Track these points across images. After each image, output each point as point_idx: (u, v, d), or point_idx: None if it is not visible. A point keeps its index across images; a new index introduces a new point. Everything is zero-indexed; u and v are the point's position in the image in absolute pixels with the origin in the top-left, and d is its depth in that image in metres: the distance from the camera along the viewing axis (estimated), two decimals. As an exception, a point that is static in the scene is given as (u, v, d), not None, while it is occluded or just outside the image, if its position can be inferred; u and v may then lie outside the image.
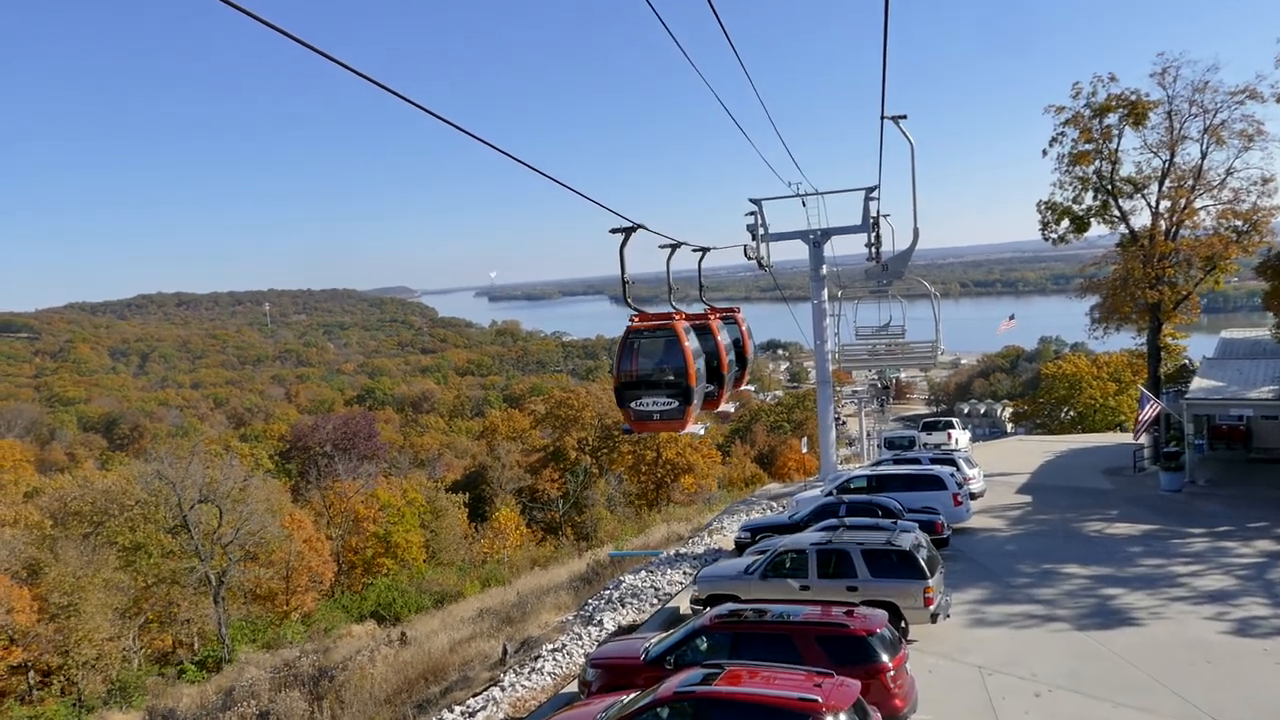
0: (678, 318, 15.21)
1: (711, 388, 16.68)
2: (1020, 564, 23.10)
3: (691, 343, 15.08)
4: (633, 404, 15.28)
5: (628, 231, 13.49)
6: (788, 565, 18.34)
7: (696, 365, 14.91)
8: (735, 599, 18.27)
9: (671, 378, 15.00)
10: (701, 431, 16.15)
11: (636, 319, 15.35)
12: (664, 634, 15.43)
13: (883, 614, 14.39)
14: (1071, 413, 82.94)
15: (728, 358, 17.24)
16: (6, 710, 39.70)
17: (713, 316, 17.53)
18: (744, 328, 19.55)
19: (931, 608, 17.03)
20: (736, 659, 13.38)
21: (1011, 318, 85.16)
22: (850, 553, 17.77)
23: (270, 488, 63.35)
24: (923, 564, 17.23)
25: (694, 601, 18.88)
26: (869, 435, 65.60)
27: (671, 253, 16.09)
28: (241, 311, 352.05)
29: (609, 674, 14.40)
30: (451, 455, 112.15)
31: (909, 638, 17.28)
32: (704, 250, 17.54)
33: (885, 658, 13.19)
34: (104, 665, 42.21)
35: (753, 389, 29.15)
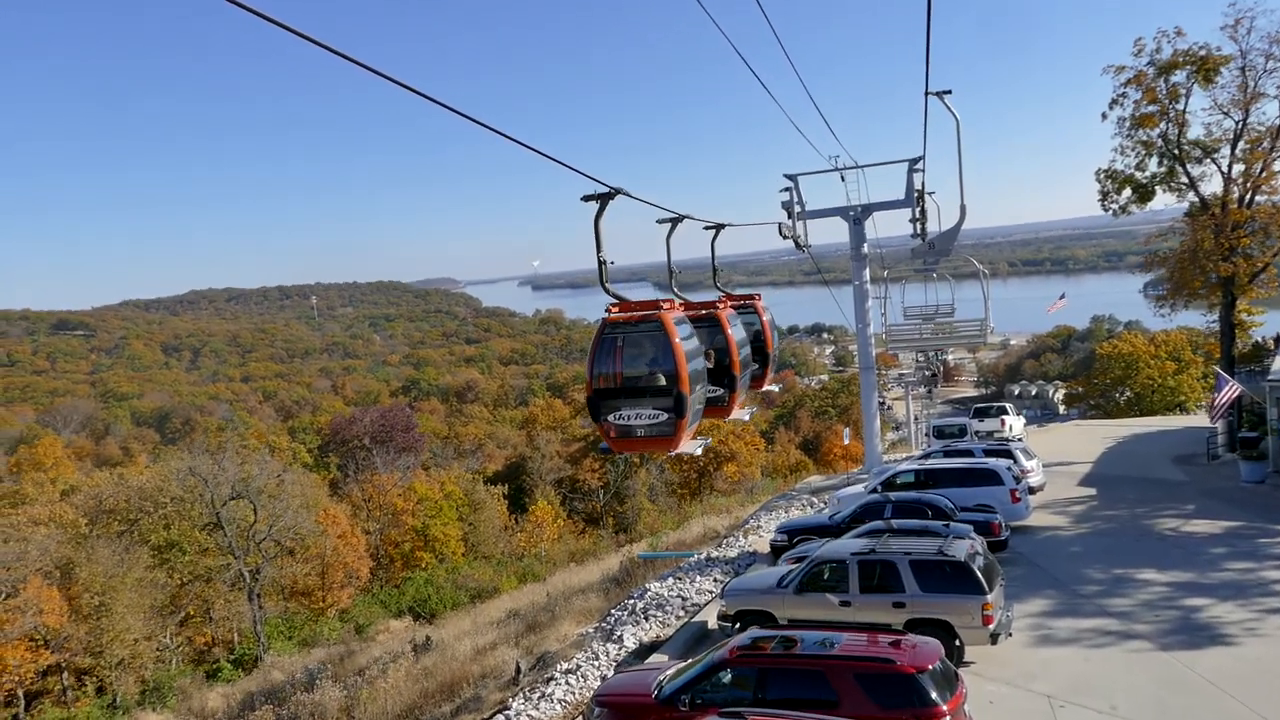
0: (665, 306, 12.23)
1: (720, 391, 14.08)
2: (1088, 568, 20.80)
3: (685, 338, 12.15)
4: (610, 417, 12.31)
5: (603, 198, 10.99)
6: (826, 577, 16.35)
7: (691, 366, 12.03)
8: (767, 615, 16.40)
9: (659, 383, 12.00)
10: (699, 450, 12.95)
11: (615, 308, 12.46)
12: (680, 664, 13.56)
13: (936, 645, 12.32)
14: (1128, 393, 79.29)
15: (739, 354, 14.43)
16: (40, 711, 39.38)
17: (722, 305, 14.84)
18: (765, 317, 16.86)
19: (991, 627, 14.94)
20: (762, 698, 11.55)
21: (1062, 297, 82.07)
22: (897, 564, 15.72)
23: (307, 482, 62.81)
24: (980, 576, 15.14)
25: (721, 617, 17.00)
26: (916, 420, 63.14)
27: (672, 229, 13.63)
28: (290, 305, 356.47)
29: (616, 714, 12.57)
30: (494, 445, 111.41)
31: (965, 659, 15.28)
32: (718, 227, 15.09)
33: (939, 699, 11.18)
34: (137, 665, 41.73)
35: (777, 389, 25.70)
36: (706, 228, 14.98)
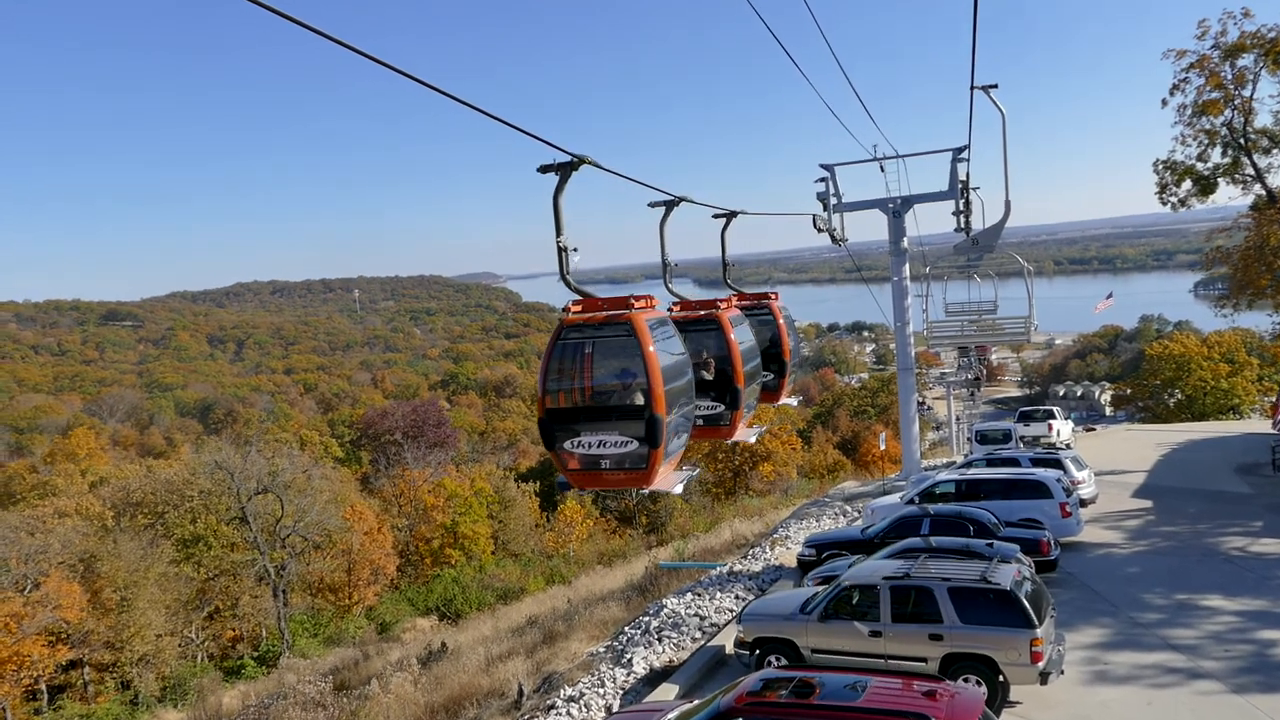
0: (638, 305, 9.84)
1: (720, 408, 12.04)
2: (1147, 593, 18.96)
3: (663, 344, 9.79)
4: (568, 445, 9.97)
5: (564, 169, 8.84)
6: (855, 603, 14.77)
7: (670, 382, 9.63)
8: (788, 644, 14.92)
9: (627, 402, 9.71)
10: (679, 490, 10.33)
11: (575, 307, 10.09)
12: (683, 707, 12.07)
13: (978, 695, 10.75)
14: (1178, 396, 76.23)
15: (744, 365, 12.16)
16: (59, 707, 39.07)
17: (724, 306, 12.53)
18: (782, 319, 14.73)
19: (1040, 665, 13.26)
20: (775, 753, 10.11)
21: (1109, 295, 79.55)
22: (934, 590, 14.09)
23: (336, 477, 62.34)
24: (1028, 607, 13.48)
25: (738, 644, 15.54)
26: (958, 420, 60.98)
27: (666, 213, 11.53)
28: (332, 298, 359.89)
29: (610, 763, 11.25)
30: (528, 441, 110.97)
31: (1009, 699, 13.67)
32: (729, 215, 12.96)
33: (979, 761, 9.67)
34: (159, 661, 41.29)
35: (795, 402, 22.47)
36: (716, 215, 13.10)
